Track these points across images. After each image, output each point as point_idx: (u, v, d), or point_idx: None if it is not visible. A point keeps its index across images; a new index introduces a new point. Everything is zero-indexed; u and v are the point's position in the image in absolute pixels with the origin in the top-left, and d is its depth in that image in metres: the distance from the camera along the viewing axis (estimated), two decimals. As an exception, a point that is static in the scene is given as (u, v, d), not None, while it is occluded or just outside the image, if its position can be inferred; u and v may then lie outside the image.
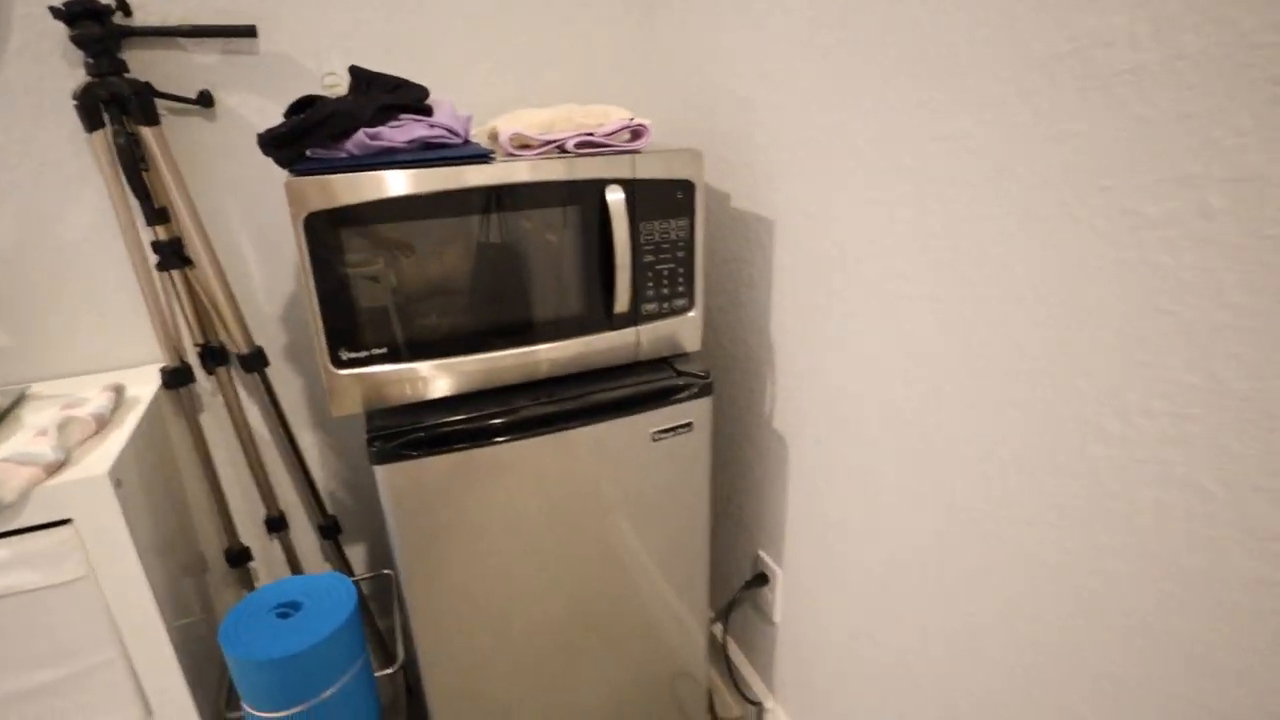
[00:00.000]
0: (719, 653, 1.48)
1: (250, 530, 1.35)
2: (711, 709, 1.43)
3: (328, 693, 0.90)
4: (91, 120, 0.99)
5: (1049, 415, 0.67)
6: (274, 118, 1.13)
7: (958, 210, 0.73)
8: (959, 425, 0.78)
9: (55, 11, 0.95)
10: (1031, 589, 0.72)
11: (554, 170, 0.87)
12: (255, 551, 1.35)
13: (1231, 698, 0.56)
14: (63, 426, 0.90)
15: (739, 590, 1.35)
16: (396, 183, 0.81)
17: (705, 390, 1.01)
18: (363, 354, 0.87)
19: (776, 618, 1.26)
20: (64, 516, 0.86)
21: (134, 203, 1.05)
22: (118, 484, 0.88)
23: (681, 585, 1.15)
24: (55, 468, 0.86)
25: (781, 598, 1.24)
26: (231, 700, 1.12)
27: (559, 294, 0.94)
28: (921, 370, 0.82)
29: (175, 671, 0.98)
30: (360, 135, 0.80)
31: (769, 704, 1.34)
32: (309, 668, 0.88)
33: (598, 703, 1.18)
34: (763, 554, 1.27)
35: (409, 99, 0.85)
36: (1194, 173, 0.52)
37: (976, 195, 0.70)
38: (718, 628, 1.49)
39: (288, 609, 0.93)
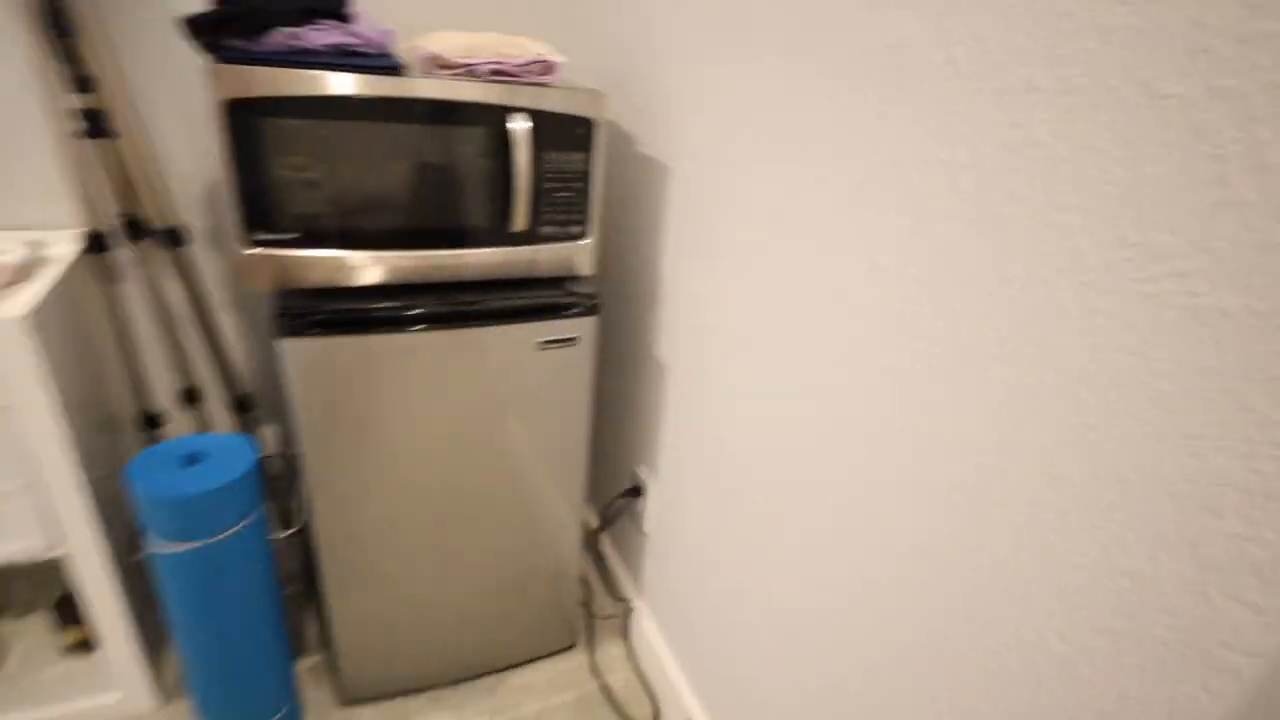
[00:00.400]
0: (599, 560, 1.64)
1: (166, 400, 1.42)
2: (587, 606, 1.59)
3: (224, 534, 1.01)
4: (21, -21, 1.02)
5: (870, 324, 0.81)
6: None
7: (800, 173, 0.84)
8: (801, 359, 0.91)
9: None
10: (868, 515, 0.87)
11: (462, 91, 0.95)
12: (170, 422, 1.43)
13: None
14: (-19, 273, 0.96)
15: (615, 499, 1.50)
16: (310, 82, 0.88)
17: (591, 310, 1.13)
18: (272, 237, 0.95)
19: (647, 527, 1.42)
20: (-21, 354, 0.93)
21: (60, 68, 1.08)
22: (35, 327, 0.95)
23: (560, 487, 1.28)
24: (-29, 309, 0.93)
25: (652, 509, 1.39)
26: (136, 544, 1.22)
27: (462, 206, 1.03)
28: (765, 308, 0.94)
29: (83, 506, 1.07)
30: (280, 35, 0.86)
31: (636, 603, 1.51)
32: (206, 509, 0.98)
33: (480, 589, 1.32)
34: (639, 469, 1.42)
35: (330, 5, 0.91)
36: (951, 159, 0.64)
37: (814, 155, 0.82)
38: (600, 540, 1.64)
39: (193, 458, 1.03)
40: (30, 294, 0.99)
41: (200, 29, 0.85)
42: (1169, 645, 0.52)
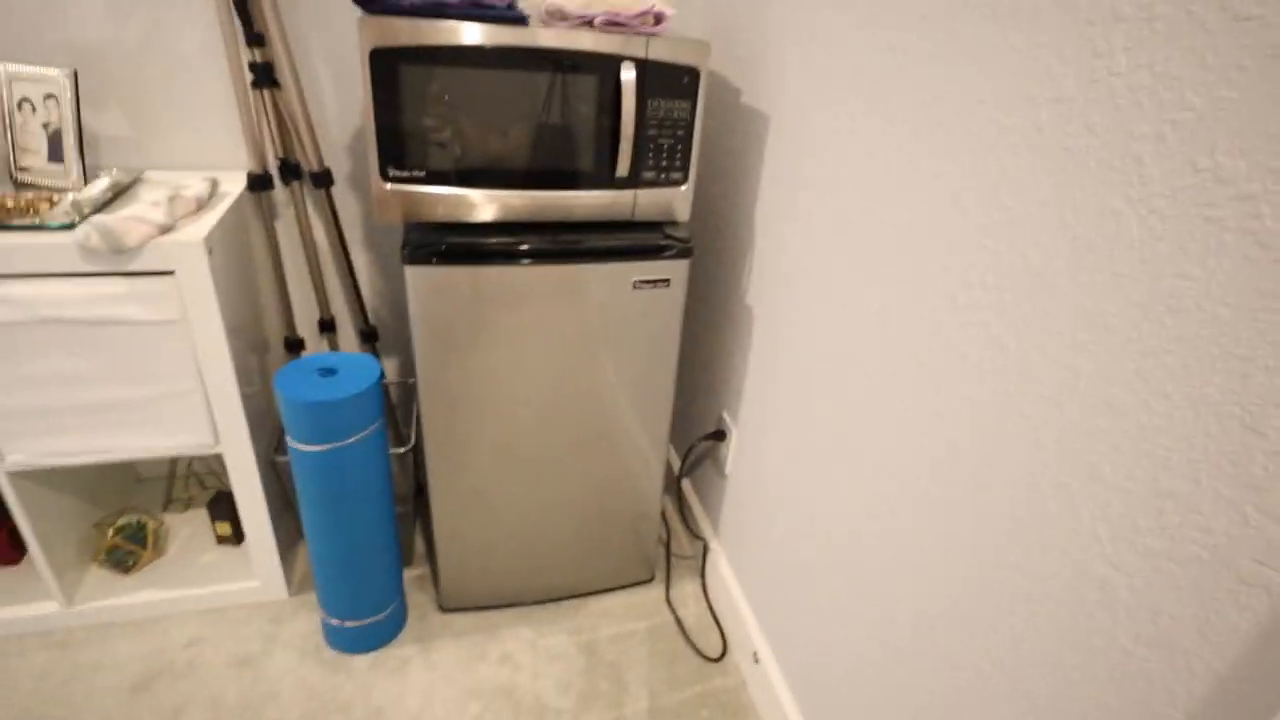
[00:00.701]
0: (680, 497, 1.72)
1: (305, 329, 1.61)
2: (667, 544, 1.68)
3: (351, 439, 1.16)
4: (210, -51, 1.18)
5: (923, 286, 0.83)
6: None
7: (892, 114, 0.87)
8: (869, 296, 0.95)
9: None
10: (895, 427, 0.91)
11: (578, 40, 1.03)
12: (307, 346, 1.62)
13: (990, 502, 0.75)
14: (172, 200, 1.14)
15: (698, 441, 1.57)
16: (444, 32, 0.98)
17: (685, 253, 1.19)
18: (405, 174, 1.07)
19: (728, 470, 1.48)
20: (168, 268, 1.11)
21: (239, 26, 1.25)
22: (209, 251, 1.12)
23: (647, 426, 1.37)
24: (165, 230, 1.11)
25: (733, 453, 1.45)
26: (279, 448, 1.40)
27: (572, 151, 1.11)
28: (848, 245, 0.98)
29: (239, 410, 1.25)
30: (422, -13, 0.97)
31: (713, 544, 1.58)
32: (338, 416, 1.13)
33: (568, 518, 1.43)
34: (725, 414, 1.48)
35: (466, -39, 1.01)
36: (1034, 93, 0.66)
37: (902, 100, 0.84)
38: (682, 481, 1.72)
39: (327, 371, 1.18)
40: (207, 223, 1.16)
41: (354, -16, 0.97)
42: (1203, 563, 0.54)
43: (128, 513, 1.48)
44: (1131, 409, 0.59)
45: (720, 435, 1.48)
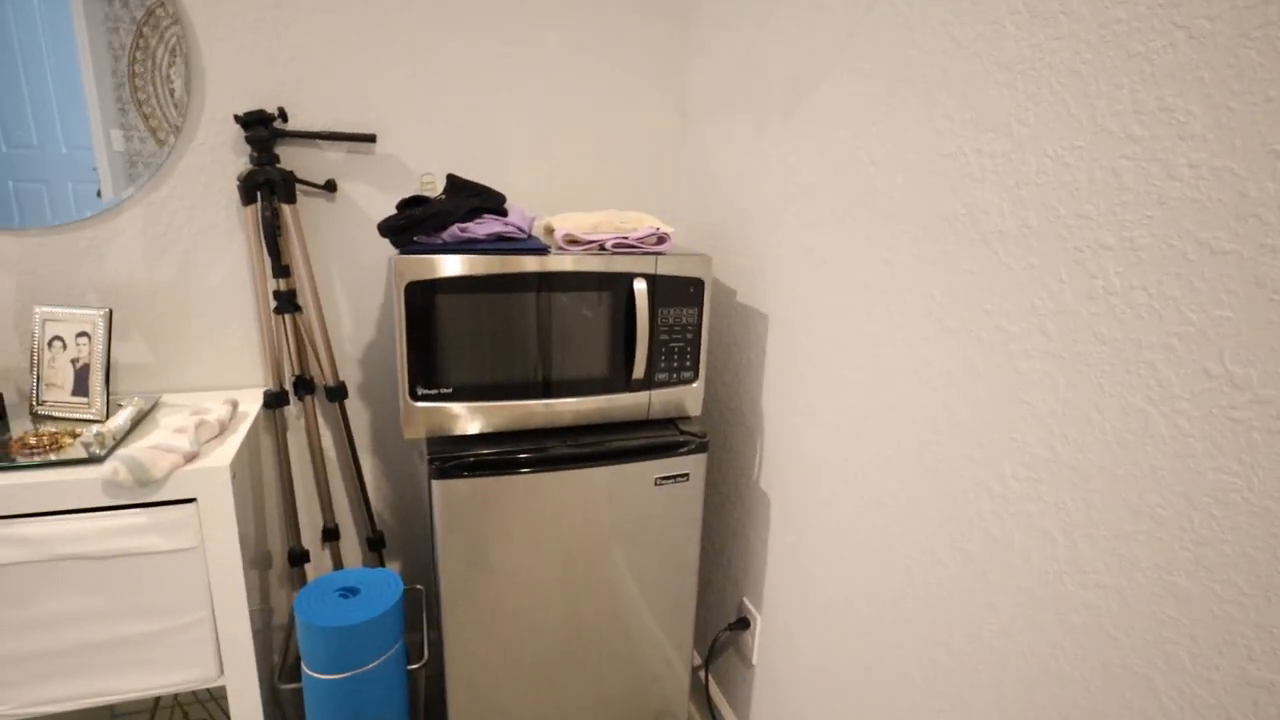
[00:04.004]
0: (702, 694, 1.63)
1: (306, 538, 1.57)
2: (694, 749, 1.57)
3: (374, 664, 1.10)
4: (248, 197, 1.29)
5: (952, 477, 0.87)
6: (380, 202, 1.43)
7: (893, 317, 0.95)
8: (893, 486, 0.98)
9: (237, 118, 1.27)
10: (945, 623, 0.91)
11: (595, 264, 1.13)
12: (311, 558, 1.57)
13: (1073, 699, 0.74)
14: (198, 426, 1.15)
15: (722, 631, 1.52)
16: (475, 265, 1.07)
17: (701, 447, 1.23)
18: (433, 391, 1.11)
19: (755, 660, 1.43)
20: (190, 496, 1.10)
21: (264, 260, 1.33)
22: (233, 475, 1.12)
23: (671, 619, 1.33)
24: (191, 457, 1.11)
25: (760, 641, 1.41)
26: (281, 675, 1.32)
27: (589, 359, 1.17)
28: (866, 442, 1.02)
29: (248, 638, 1.19)
30: (454, 228, 1.06)
31: (746, 745, 1.48)
32: (362, 639, 1.09)
33: (590, 722, 1.35)
34: (745, 600, 1.45)
35: (492, 203, 1.12)
36: (1036, 304, 0.74)
37: (905, 305, 0.93)
38: (703, 673, 1.64)
39: (348, 592, 1.14)
40: (229, 446, 1.17)
41: (396, 231, 1.06)
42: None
43: (106, 765, 1.34)
44: (1199, 597, 0.61)
45: (744, 624, 1.44)
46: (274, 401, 1.39)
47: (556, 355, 1.15)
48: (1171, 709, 0.64)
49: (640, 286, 1.14)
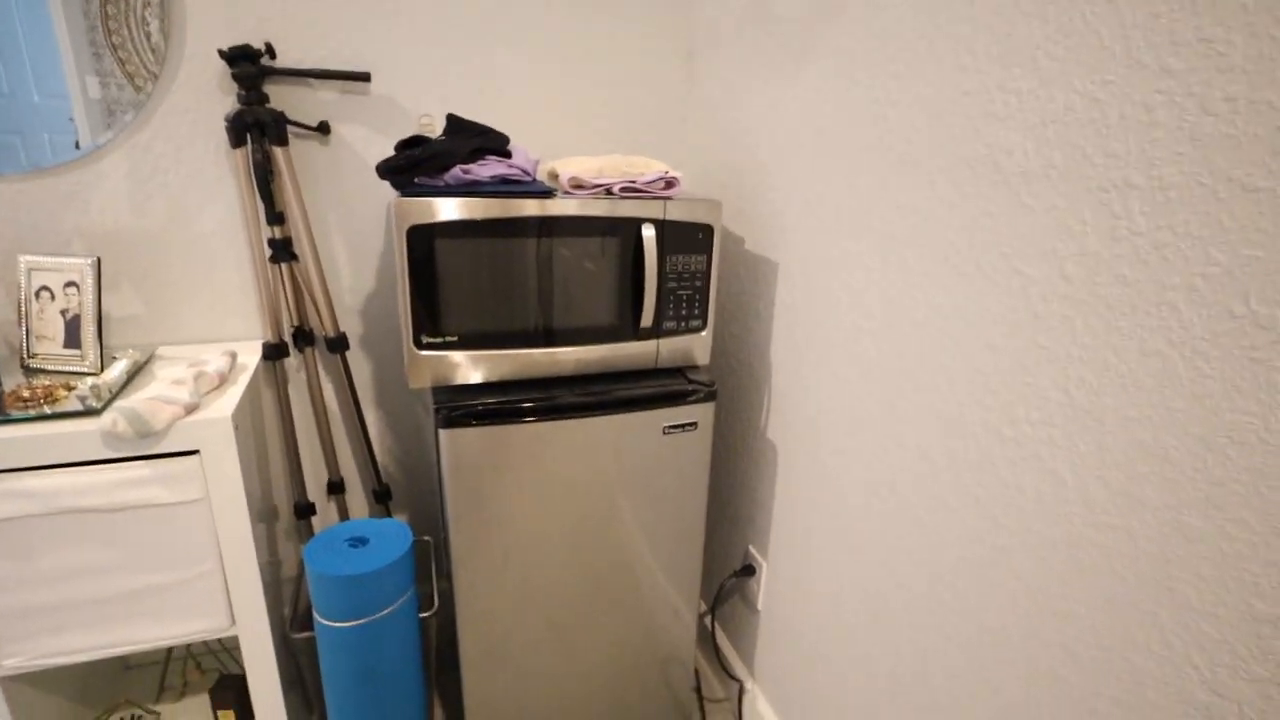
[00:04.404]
0: (708, 638, 1.67)
1: (311, 491, 1.57)
2: (698, 689, 1.61)
3: (385, 611, 1.11)
4: (237, 139, 1.25)
5: (964, 423, 0.88)
6: (377, 146, 1.39)
7: (907, 263, 0.94)
8: (903, 433, 0.98)
9: (221, 53, 1.21)
10: (954, 568, 0.92)
11: (602, 208, 1.10)
12: (317, 511, 1.57)
13: (1080, 636, 0.75)
14: (197, 378, 1.13)
15: (727, 579, 1.55)
16: (480, 208, 1.04)
17: (710, 396, 1.23)
18: (438, 340, 1.10)
19: (760, 605, 1.45)
20: (193, 448, 1.09)
21: (258, 206, 1.30)
22: (235, 427, 1.11)
23: (678, 566, 1.35)
24: (191, 409, 1.09)
25: (764, 587, 1.43)
26: (292, 625, 1.33)
27: (596, 307, 1.16)
28: (876, 389, 1.03)
29: (258, 589, 1.19)
30: (456, 170, 1.03)
31: (749, 684, 1.52)
32: (374, 587, 1.09)
33: (598, 668, 1.37)
34: (751, 548, 1.47)
35: (495, 144, 1.09)
36: (1057, 248, 0.73)
37: (919, 251, 0.92)
38: (709, 619, 1.68)
39: (357, 541, 1.15)
40: (230, 397, 1.16)
41: (396, 172, 1.03)
42: None
43: (120, 708, 1.36)
44: (1210, 536, 0.62)
45: (750, 570, 1.46)
46: (273, 353, 1.37)
47: (562, 302, 1.14)
48: (1175, 643, 0.66)
49: (649, 233, 1.12)
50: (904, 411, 0.98)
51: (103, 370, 1.20)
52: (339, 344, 1.40)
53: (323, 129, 1.34)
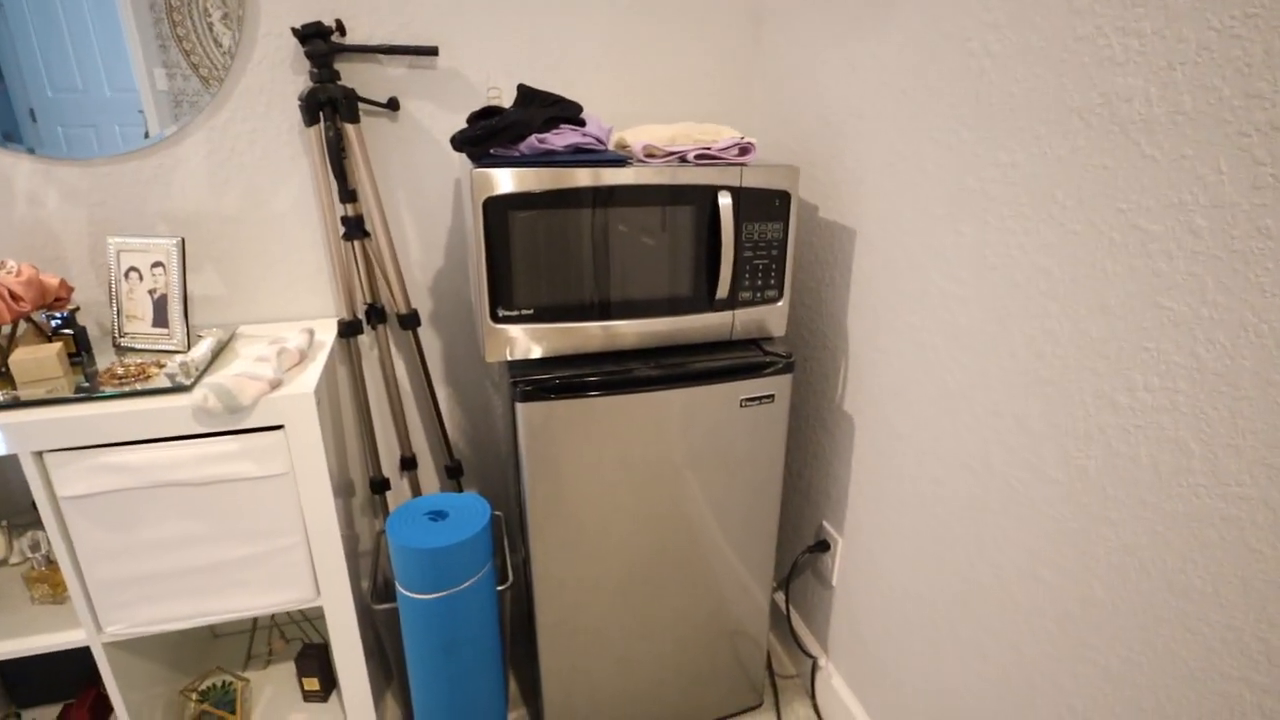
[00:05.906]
0: (779, 613, 1.65)
1: (385, 466, 1.60)
2: (769, 665, 1.60)
3: (465, 584, 1.12)
4: (311, 117, 1.26)
5: (1070, 391, 0.83)
6: (444, 121, 1.38)
7: (1006, 223, 0.89)
8: (999, 403, 0.94)
9: (295, 31, 1.22)
10: (1054, 541, 0.88)
11: (677, 175, 1.08)
12: (391, 486, 1.60)
13: (1202, 614, 0.71)
14: (279, 355, 1.16)
15: (801, 554, 1.53)
16: (556, 178, 1.03)
17: (787, 368, 1.20)
18: (514, 313, 1.09)
19: (834, 581, 1.43)
20: (278, 423, 1.11)
21: (331, 184, 1.31)
22: (317, 401, 1.13)
23: (752, 541, 1.33)
24: (276, 385, 1.12)
25: (840, 563, 1.40)
26: (372, 597, 1.36)
27: (670, 278, 1.14)
28: (968, 358, 0.98)
29: (341, 561, 1.22)
30: (531, 139, 1.02)
31: (822, 661, 1.50)
32: (455, 560, 1.10)
33: (669, 640, 1.37)
34: (825, 523, 1.44)
35: (569, 113, 1.07)
36: (1185, 200, 0.68)
37: (1020, 211, 0.87)
38: (781, 594, 1.66)
39: (436, 515, 1.16)
40: (311, 373, 1.18)
41: (472, 143, 1.02)
42: None
43: (211, 674, 1.42)
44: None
45: (824, 546, 1.43)
46: (348, 331, 1.39)
47: (635, 274, 1.12)
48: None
49: (725, 201, 1.09)
50: (999, 380, 0.94)
51: (190, 348, 1.23)
52: (411, 320, 1.41)
53: (392, 105, 1.34)
